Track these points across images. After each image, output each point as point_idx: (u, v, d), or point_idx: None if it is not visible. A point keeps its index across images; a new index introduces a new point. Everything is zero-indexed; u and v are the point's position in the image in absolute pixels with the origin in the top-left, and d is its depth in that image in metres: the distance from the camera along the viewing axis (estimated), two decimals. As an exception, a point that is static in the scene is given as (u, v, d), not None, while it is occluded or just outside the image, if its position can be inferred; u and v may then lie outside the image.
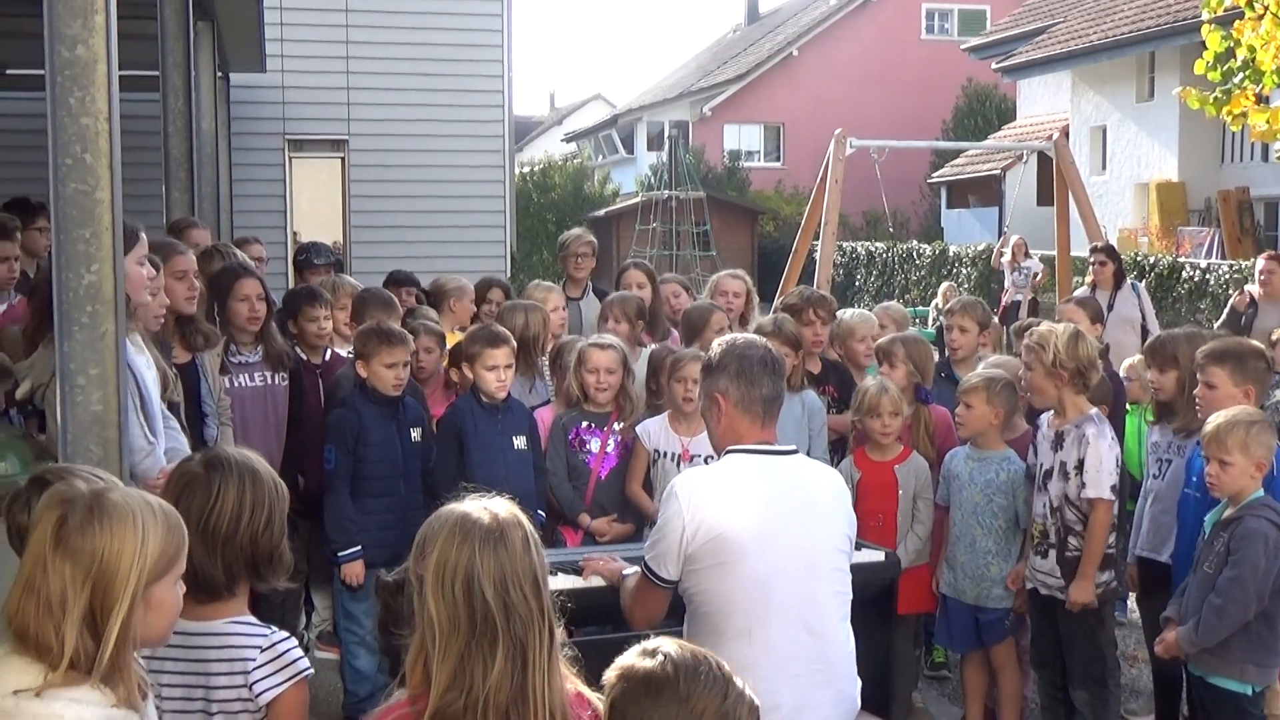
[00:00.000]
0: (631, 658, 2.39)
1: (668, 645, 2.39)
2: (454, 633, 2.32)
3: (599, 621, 4.33)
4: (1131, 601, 6.66)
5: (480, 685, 2.31)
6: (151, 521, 2.26)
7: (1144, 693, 6.01)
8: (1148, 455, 5.53)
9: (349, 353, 6.14)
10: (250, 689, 2.73)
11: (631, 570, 4.07)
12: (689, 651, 2.39)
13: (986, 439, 5.39)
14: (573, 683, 2.49)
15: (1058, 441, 5.04)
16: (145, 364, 4.38)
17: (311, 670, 2.89)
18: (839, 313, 6.68)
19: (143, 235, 4.41)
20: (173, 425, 4.62)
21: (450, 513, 2.43)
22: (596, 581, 4.24)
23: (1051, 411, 5.14)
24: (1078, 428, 4.99)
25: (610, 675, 2.40)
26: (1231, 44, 10.68)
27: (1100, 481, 4.91)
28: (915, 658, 5.97)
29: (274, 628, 2.86)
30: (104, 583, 2.17)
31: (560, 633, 2.46)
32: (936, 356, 6.44)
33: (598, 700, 2.49)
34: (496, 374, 5.38)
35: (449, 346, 6.26)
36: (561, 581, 4.12)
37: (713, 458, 4.98)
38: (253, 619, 2.86)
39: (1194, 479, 4.78)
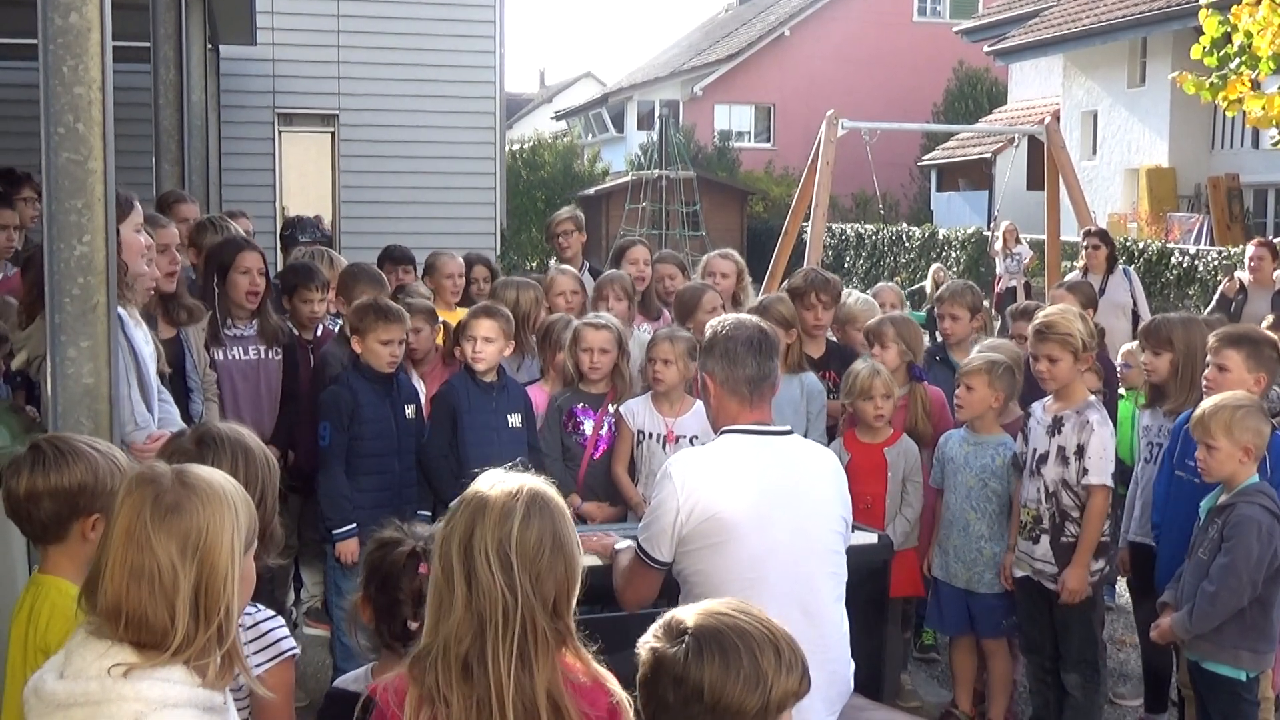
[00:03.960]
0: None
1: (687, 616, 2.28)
2: (435, 589, 2.38)
3: (590, 602, 4.30)
4: (1121, 585, 6.67)
5: (440, 632, 2.35)
6: (236, 493, 2.23)
7: (1133, 676, 6.03)
8: (1139, 439, 5.52)
9: (333, 320, 6.12)
10: None
11: (624, 544, 4.05)
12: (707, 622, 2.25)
13: (984, 422, 5.36)
14: (588, 675, 2.42)
15: (1055, 426, 5.00)
16: (144, 338, 4.36)
17: (298, 649, 2.87)
18: (842, 296, 6.64)
19: (137, 203, 4.38)
20: (166, 398, 4.60)
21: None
22: (591, 561, 4.21)
23: (1049, 396, 5.10)
24: (1079, 414, 4.95)
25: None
26: (1228, 29, 10.68)
27: (1102, 468, 4.89)
28: (904, 640, 5.97)
29: (260, 606, 2.83)
30: (210, 558, 2.13)
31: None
32: (927, 341, 6.42)
33: (622, 694, 2.41)
34: (473, 345, 5.35)
35: (452, 325, 6.21)
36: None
37: (697, 439, 5.00)
38: None
39: (1186, 462, 4.75)
